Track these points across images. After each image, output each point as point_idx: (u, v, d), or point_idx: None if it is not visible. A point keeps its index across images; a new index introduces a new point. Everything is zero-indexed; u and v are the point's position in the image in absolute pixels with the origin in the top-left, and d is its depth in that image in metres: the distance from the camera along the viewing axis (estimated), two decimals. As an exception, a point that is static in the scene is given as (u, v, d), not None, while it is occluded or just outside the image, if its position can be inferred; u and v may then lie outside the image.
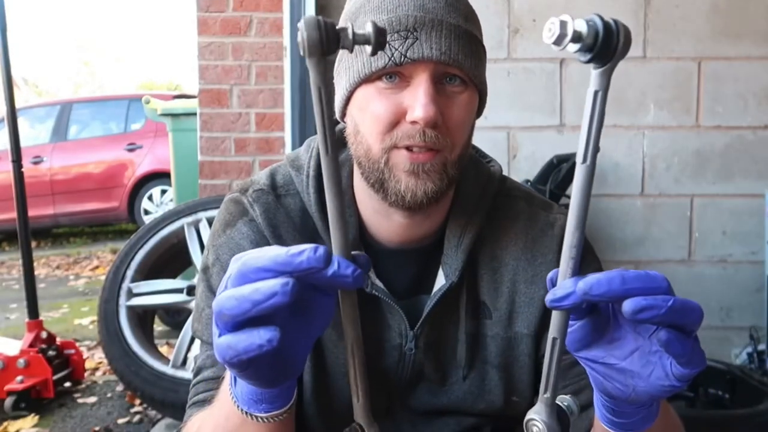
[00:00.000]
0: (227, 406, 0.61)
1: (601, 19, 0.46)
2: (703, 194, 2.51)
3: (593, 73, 0.48)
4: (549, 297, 0.50)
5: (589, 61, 0.47)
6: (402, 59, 0.71)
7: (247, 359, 0.49)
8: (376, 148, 0.74)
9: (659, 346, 0.50)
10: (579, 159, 0.50)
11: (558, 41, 0.45)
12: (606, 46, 0.46)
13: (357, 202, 0.84)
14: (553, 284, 0.52)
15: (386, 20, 0.73)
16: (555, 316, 0.53)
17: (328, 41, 0.47)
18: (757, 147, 2.49)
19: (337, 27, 0.48)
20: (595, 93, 0.48)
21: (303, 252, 0.48)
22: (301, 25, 0.47)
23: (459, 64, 0.73)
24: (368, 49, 0.49)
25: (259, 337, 0.48)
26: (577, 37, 0.45)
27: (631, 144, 2.49)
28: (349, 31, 0.49)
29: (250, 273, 0.49)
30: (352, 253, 0.52)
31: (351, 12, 0.78)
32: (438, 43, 0.72)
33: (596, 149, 0.49)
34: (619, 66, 0.48)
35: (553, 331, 0.53)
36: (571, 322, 0.54)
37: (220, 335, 0.51)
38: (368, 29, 0.49)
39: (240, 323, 0.49)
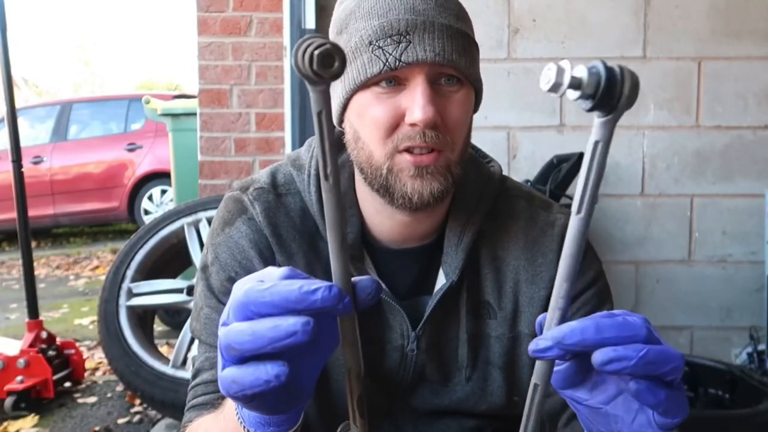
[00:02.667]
0: (232, 423, 0.59)
1: (605, 65, 0.42)
2: (703, 194, 2.51)
3: (595, 122, 0.44)
4: (531, 347, 0.49)
5: (591, 110, 0.43)
6: (397, 64, 0.71)
7: (252, 394, 0.47)
8: (379, 154, 0.75)
9: (630, 396, 0.49)
10: (574, 210, 0.47)
11: (554, 89, 0.42)
12: (609, 95, 0.42)
13: (359, 202, 0.84)
14: (542, 329, 0.51)
15: (378, 25, 0.72)
16: (539, 363, 0.51)
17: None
18: (757, 147, 2.49)
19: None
20: (596, 143, 0.44)
21: (317, 291, 0.45)
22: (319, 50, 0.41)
23: (453, 64, 0.73)
24: (364, 56, 0.47)
25: (266, 372, 0.46)
26: (576, 85, 0.42)
27: (631, 144, 2.49)
28: None
29: (258, 308, 0.46)
30: (357, 278, 0.49)
31: (341, 18, 0.78)
32: (431, 44, 0.72)
33: (594, 201, 0.46)
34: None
35: (535, 377, 0.51)
36: (557, 361, 0.52)
37: (224, 368, 0.48)
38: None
39: (247, 357, 0.47)
